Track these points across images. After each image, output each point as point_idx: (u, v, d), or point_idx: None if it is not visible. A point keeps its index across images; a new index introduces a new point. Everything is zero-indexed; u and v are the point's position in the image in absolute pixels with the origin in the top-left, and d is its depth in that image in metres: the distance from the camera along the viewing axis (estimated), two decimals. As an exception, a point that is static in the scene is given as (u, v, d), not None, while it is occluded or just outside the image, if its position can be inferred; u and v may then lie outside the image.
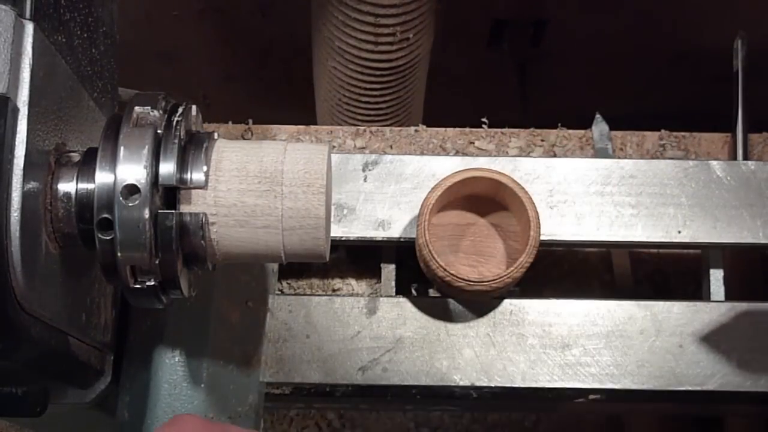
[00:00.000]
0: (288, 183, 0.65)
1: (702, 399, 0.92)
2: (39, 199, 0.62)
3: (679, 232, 0.94)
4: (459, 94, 1.70)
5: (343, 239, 0.94)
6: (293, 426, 1.15)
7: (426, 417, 1.16)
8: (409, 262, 0.95)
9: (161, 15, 1.70)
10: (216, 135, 0.68)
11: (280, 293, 1.00)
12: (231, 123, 1.13)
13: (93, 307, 0.74)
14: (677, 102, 1.72)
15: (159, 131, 0.63)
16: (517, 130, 1.11)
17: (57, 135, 0.66)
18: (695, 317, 0.92)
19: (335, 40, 1.23)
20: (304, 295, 0.98)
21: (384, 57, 1.23)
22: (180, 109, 0.66)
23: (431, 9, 1.24)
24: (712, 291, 0.95)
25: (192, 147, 0.65)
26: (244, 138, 1.11)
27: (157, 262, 0.63)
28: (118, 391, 0.82)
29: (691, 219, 0.94)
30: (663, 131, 1.10)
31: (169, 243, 0.63)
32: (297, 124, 1.11)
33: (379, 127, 1.11)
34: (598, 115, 1.10)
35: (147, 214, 0.61)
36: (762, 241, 0.94)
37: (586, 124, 1.10)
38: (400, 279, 0.96)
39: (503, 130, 1.11)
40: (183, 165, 0.64)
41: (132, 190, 0.61)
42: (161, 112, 0.64)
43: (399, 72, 1.27)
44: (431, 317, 0.92)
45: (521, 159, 0.98)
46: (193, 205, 0.64)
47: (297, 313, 0.92)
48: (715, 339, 0.91)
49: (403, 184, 0.96)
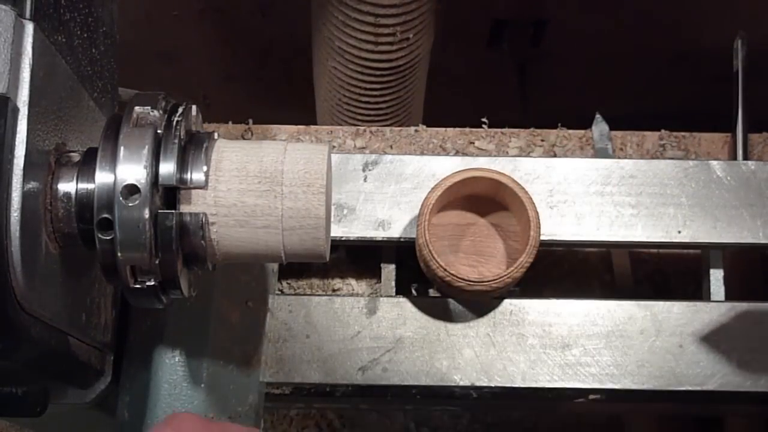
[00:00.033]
0: (288, 183, 0.65)
1: (702, 399, 0.92)
2: (39, 199, 0.63)
3: (679, 232, 0.94)
4: (459, 94, 1.70)
5: (343, 239, 0.94)
6: (293, 426, 1.15)
7: (426, 417, 1.16)
8: (409, 262, 0.95)
9: (161, 15, 1.70)
10: (216, 135, 0.68)
11: (280, 293, 1.00)
12: (231, 123, 1.12)
13: (93, 307, 0.74)
14: (677, 102, 1.72)
15: (159, 131, 0.63)
16: (517, 130, 1.11)
17: (57, 135, 0.66)
18: (695, 317, 0.92)
19: (335, 40, 1.23)
20: (304, 295, 0.98)
21: (384, 57, 1.23)
22: (180, 109, 0.66)
23: (431, 9, 1.23)
24: (712, 291, 0.95)
25: (192, 147, 0.65)
26: (244, 138, 1.11)
27: (157, 262, 0.63)
28: (118, 391, 0.83)
29: (691, 219, 0.94)
30: (663, 131, 1.10)
31: (169, 243, 0.63)
32: (297, 124, 1.11)
33: (379, 127, 1.11)
34: (598, 115, 1.10)
35: (147, 214, 0.61)
36: (762, 241, 0.94)
37: (586, 124, 1.10)
38: (400, 279, 0.96)
39: (503, 130, 1.11)
40: (183, 165, 0.64)
41: (132, 190, 0.61)
42: (161, 112, 0.64)
43: (399, 72, 1.27)
44: (431, 317, 0.92)
45: (521, 159, 0.98)
46: (193, 205, 0.64)
47: (297, 313, 0.92)
48: (715, 339, 0.91)
49: (403, 184, 0.96)
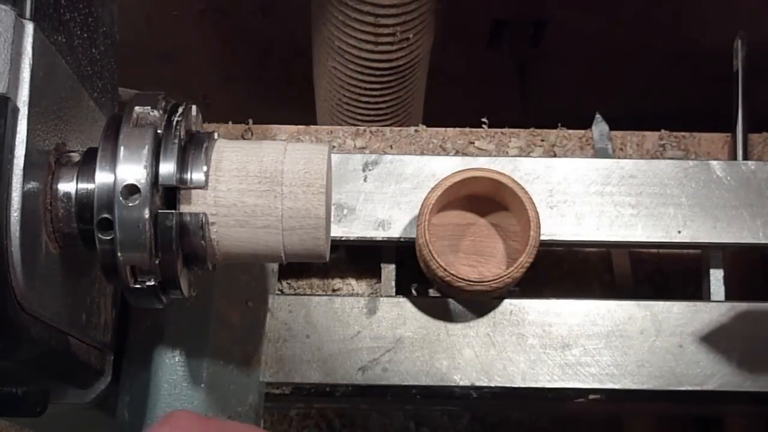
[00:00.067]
0: (288, 183, 0.65)
1: (702, 399, 0.92)
2: (39, 199, 0.62)
3: (679, 232, 0.94)
4: (459, 94, 1.70)
5: (343, 239, 0.94)
6: (293, 426, 1.14)
7: (426, 417, 1.16)
8: (409, 262, 0.95)
9: (161, 15, 1.70)
10: (216, 135, 0.68)
11: (280, 293, 1.00)
12: (231, 123, 1.12)
13: (93, 307, 0.74)
14: (677, 102, 1.72)
15: (159, 131, 0.63)
16: (517, 130, 1.11)
17: (57, 135, 0.66)
18: (695, 317, 0.92)
19: (335, 40, 1.23)
20: (304, 295, 0.98)
21: (384, 57, 1.23)
22: (180, 109, 0.66)
23: (431, 9, 1.23)
24: (712, 291, 0.95)
25: (192, 147, 0.65)
26: (244, 138, 1.11)
27: (157, 262, 0.63)
28: (118, 391, 0.82)
29: (691, 219, 0.94)
30: (663, 131, 1.10)
31: (169, 243, 0.63)
32: (297, 124, 1.11)
33: (379, 127, 1.11)
34: (598, 115, 1.09)
35: (147, 214, 0.61)
36: (762, 241, 0.94)
37: (586, 124, 1.10)
38: (400, 279, 0.96)
39: (503, 130, 1.10)
40: (183, 165, 0.64)
41: (132, 190, 0.61)
42: (161, 112, 0.64)
43: (399, 72, 1.27)
44: (431, 317, 0.92)
45: (521, 159, 0.98)
46: (193, 205, 0.64)
47: (297, 313, 0.92)
48: (715, 339, 0.91)
49: (403, 184, 0.96)
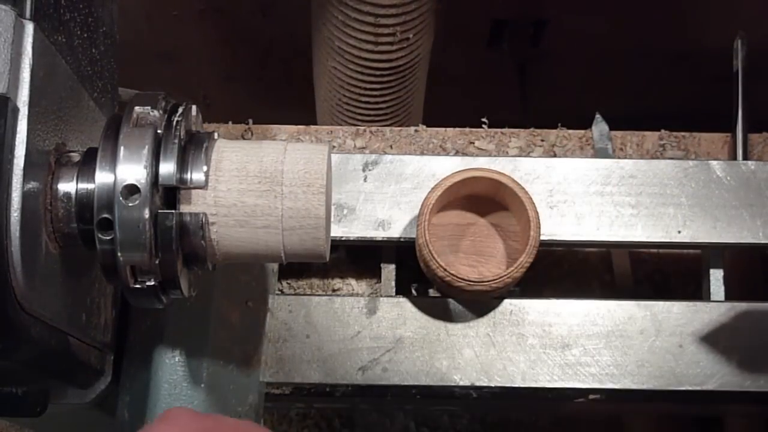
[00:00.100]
0: (288, 183, 0.65)
1: (702, 399, 0.92)
2: (39, 199, 0.63)
3: (679, 232, 0.94)
4: (459, 94, 1.70)
5: (343, 239, 0.94)
6: (293, 426, 1.15)
7: (426, 417, 1.16)
8: (409, 262, 0.95)
9: (161, 15, 1.70)
10: (216, 135, 0.68)
11: (280, 293, 1.00)
12: (231, 123, 1.12)
13: (93, 307, 0.74)
14: (677, 102, 1.72)
15: (159, 131, 0.63)
16: (517, 130, 1.11)
17: (57, 135, 0.66)
18: (695, 317, 0.92)
19: (335, 40, 1.23)
20: (304, 295, 0.98)
21: (384, 57, 1.23)
22: (180, 109, 0.66)
23: (431, 9, 1.23)
24: (712, 291, 0.95)
25: (192, 147, 0.65)
26: (244, 138, 1.11)
27: (157, 262, 0.63)
28: (118, 391, 0.82)
29: (691, 219, 0.94)
30: (663, 131, 1.10)
31: (169, 243, 0.63)
32: (297, 124, 1.11)
33: (379, 127, 1.11)
34: (598, 115, 1.09)
35: (147, 214, 0.61)
36: (762, 241, 0.94)
37: (586, 124, 1.10)
38: (400, 279, 0.96)
39: (503, 130, 1.10)
40: (183, 165, 0.64)
41: (132, 190, 0.61)
42: (161, 112, 0.64)
43: (399, 72, 1.27)
44: (431, 317, 0.92)
45: (521, 159, 0.98)
46: (193, 205, 0.64)
47: (297, 313, 0.92)
48: (715, 339, 0.91)
49: (403, 184, 0.96)
